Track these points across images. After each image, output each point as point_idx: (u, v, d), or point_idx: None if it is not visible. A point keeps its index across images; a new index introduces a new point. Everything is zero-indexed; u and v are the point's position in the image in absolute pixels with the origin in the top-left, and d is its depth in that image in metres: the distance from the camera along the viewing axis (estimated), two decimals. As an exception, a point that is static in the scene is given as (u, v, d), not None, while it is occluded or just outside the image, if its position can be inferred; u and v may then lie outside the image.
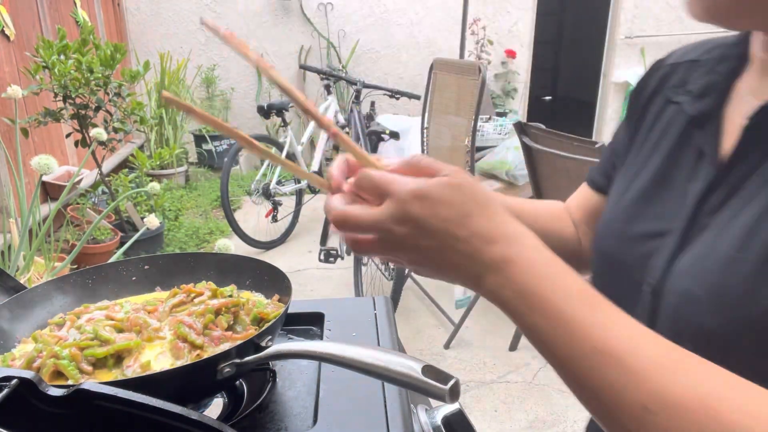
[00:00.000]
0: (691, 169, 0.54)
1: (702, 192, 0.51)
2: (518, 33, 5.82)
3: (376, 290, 3.00)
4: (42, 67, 2.62)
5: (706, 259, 0.48)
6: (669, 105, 0.61)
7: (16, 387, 0.41)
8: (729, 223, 0.47)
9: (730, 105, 0.54)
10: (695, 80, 0.58)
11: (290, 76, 5.59)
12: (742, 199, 0.47)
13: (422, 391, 0.45)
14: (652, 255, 0.54)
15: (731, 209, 0.48)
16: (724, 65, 0.55)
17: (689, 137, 0.56)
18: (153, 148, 4.70)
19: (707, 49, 0.60)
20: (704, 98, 0.55)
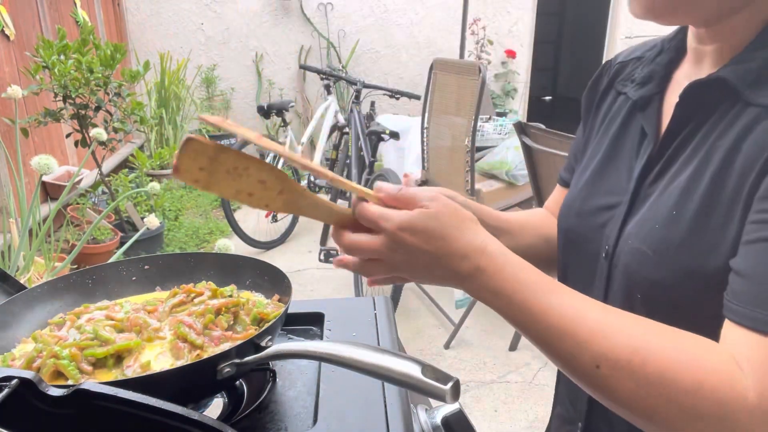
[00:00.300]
0: (635, 147, 0.62)
1: (643, 166, 0.59)
2: (518, 33, 5.82)
3: (376, 290, 3.00)
4: (42, 67, 2.62)
5: (649, 221, 0.55)
6: (618, 96, 0.69)
7: (16, 387, 0.41)
8: (666, 189, 0.55)
9: (669, 91, 0.61)
10: (638, 71, 0.66)
11: (290, 75, 5.59)
12: (677, 167, 0.55)
13: (422, 391, 0.45)
14: (605, 225, 0.62)
15: (669, 177, 0.56)
16: (663, 57, 0.63)
17: (632, 120, 0.64)
18: (153, 148, 4.70)
19: (650, 47, 0.68)
20: (646, 85, 0.63)
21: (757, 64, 0.50)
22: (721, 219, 0.49)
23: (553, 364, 0.51)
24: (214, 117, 0.49)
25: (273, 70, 5.58)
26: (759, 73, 0.50)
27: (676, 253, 0.52)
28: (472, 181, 2.54)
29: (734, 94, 0.51)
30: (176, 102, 4.91)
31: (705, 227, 0.50)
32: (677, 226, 0.52)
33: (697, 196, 0.51)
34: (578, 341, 0.46)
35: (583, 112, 0.76)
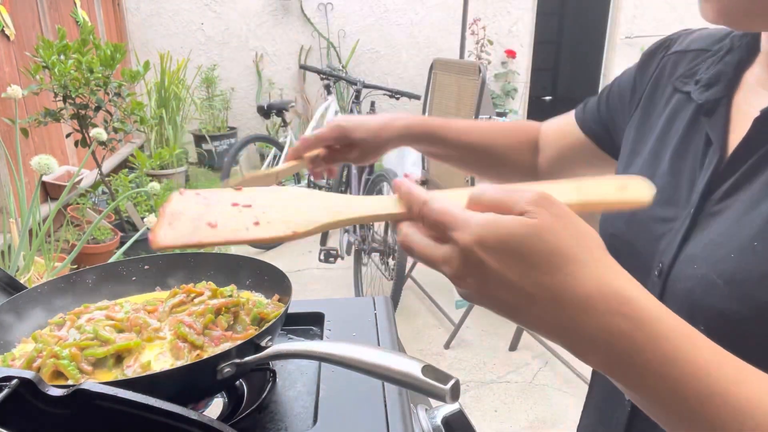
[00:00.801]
0: (699, 156, 0.55)
1: (710, 179, 0.52)
2: (518, 33, 5.82)
3: (376, 290, 3.00)
4: (42, 67, 2.62)
5: (722, 247, 0.48)
6: (675, 94, 0.62)
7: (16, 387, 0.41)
8: (745, 213, 0.48)
9: (738, 94, 0.55)
10: (704, 70, 0.59)
11: (290, 75, 5.59)
12: (757, 189, 0.48)
13: (422, 391, 0.45)
14: (661, 239, 0.55)
15: (744, 198, 0.49)
16: (732, 55, 0.56)
17: (697, 125, 0.57)
18: (153, 148, 4.70)
19: (716, 39, 0.61)
20: (713, 87, 0.56)
21: None
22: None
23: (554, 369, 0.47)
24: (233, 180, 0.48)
25: (273, 70, 5.58)
26: None
27: (754, 288, 0.45)
28: (472, 182, 2.54)
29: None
30: (176, 102, 4.91)
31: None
32: (759, 259, 0.45)
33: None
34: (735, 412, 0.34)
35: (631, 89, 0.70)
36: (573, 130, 0.79)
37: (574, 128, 0.78)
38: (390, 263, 2.87)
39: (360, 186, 3.11)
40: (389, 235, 2.91)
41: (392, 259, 2.83)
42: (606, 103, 0.75)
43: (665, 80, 0.64)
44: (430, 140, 0.80)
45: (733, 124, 0.53)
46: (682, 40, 0.66)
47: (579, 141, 0.78)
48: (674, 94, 0.62)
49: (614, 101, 0.73)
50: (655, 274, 0.55)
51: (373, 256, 3.03)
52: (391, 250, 2.85)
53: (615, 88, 0.74)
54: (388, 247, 2.89)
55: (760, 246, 0.45)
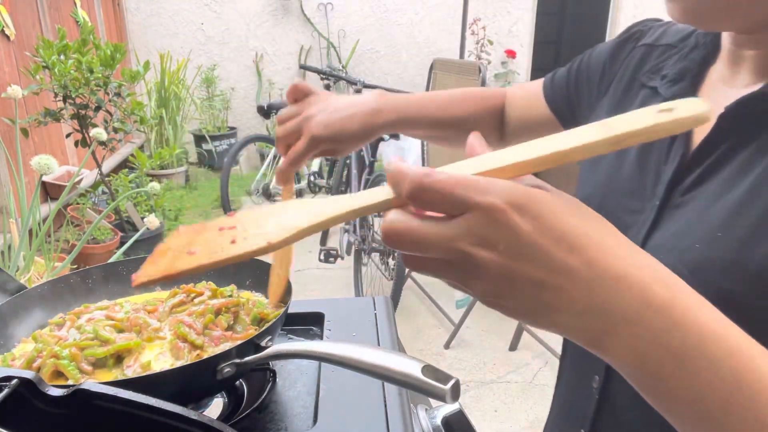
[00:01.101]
0: (664, 150, 0.57)
1: (675, 172, 0.54)
2: (518, 33, 5.82)
3: (376, 290, 3.00)
4: (42, 67, 2.62)
5: (687, 237, 0.50)
6: (643, 88, 0.64)
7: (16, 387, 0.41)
8: (711, 205, 0.49)
9: (702, 90, 0.57)
10: (670, 66, 0.61)
11: (290, 75, 5.59)
12: (721, 182, 0.50)
13: (422, 391, 0.45)
14: (628, 230, 0.56)
15: (708, 191, 0.51)
16: (697, 53, 0.59)
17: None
18: (153, 148, 4.70)
19: (683, 36, 0.63)
20: (679, 83, 0.58)
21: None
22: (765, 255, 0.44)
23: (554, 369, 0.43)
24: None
25: (273, 70, 5.58)
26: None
27: (717, 277, 0.46)
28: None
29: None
30: (176, 102, 4.91)
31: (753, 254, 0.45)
32: (723, 248, 0.47)
33: (750, 221, 0.46)
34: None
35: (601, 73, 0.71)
36: (539, 103, 0.79)
37: (540, 101, 0.79)
38: (390, 263, 2.87)
39: (360, 186, 3.11)
40: (389, 235, 2.90)
41: (392, 259, 2.83)
42: (575, 78, 0.75)
43: (633, 73, 0.66)
44: (412, 125, 0.79)
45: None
46: (652, 32, 0.67)
47: (544, 116, 0.79)
48: (642, 88, 0.64)
49: (582, 79, 0.74)
50: None
51: (373, 256, 3.03)
52: (391, 250, 2.85)
53: (584, 65, 0.75)
54: (388, 246, 2.88)
55: (724, 236, 0.47)
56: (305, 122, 0.71)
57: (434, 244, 0.32)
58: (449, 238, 0.31)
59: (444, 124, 0.81)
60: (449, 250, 0.31)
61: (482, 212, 0.30)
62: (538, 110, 0.79)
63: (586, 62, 0.75)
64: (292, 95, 0.75)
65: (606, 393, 0.59)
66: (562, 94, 0.76)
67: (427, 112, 0.79)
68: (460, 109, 0.82)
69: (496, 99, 0.84)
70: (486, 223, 0.30)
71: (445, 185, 0.31)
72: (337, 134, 0.71)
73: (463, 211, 0.31)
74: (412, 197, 0.32)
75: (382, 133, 0.76)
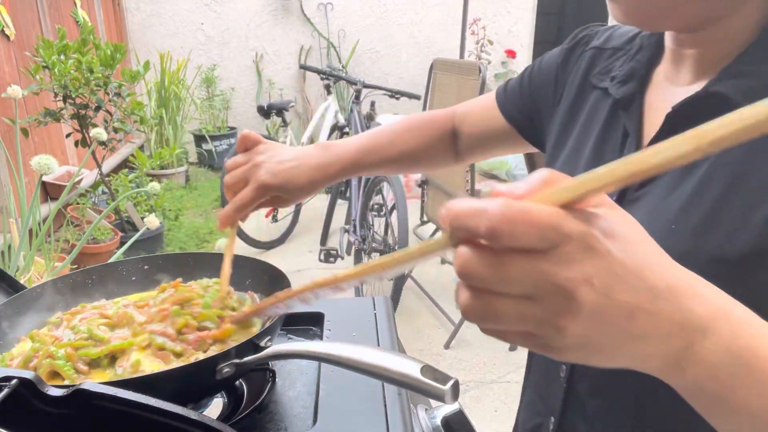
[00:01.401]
0: (617, 148, 0.60)
1: None
2: (518, 33, 5.82)
3: (376, 290, 3.00)
4: (42, 67, 2.62)
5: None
6: (594, 90, 0.66)
7: (16, 387, 0.41)
8: (664, 199, 0.52)
9: (649, 90, 0.60)
10: (619, 67, 0.63)
11: (290, 75, 5.59)
12: (670, 177, 0.53)
13: (422, 392, 0.45)
14: None
15: (660, 185, 0.53)
16: (643, 53, 0.61)
17: (615, 119, 0.62)
18: (153, 148, 4.70)
19: (629, 38, 0.66)
20: (627, 83, 0.61)
21: (761, 82, 0.48)
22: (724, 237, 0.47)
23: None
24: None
25: (273, 70, 5.58)
26: (760, 92, 0.47)
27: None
28: (472, 181, 2.54)
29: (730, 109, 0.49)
30: (176, 102, 4.91)
31: (705, 244, 0.48)
32: (677, 239, 0.50)
33: (700, 213, 0.49)
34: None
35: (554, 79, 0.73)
36: (494, 115, 0.81)
37: (496, 114, 0.80)
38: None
39: (360, 186, 3.11)
40: (389, 235, 2.91)
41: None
42: (528, 89, 0.77)
43: (585, 76, 0.69)
44: (362, 170, 0.80)
45: (647, 118, 0.58)
46: (599, 35, 0.70)
47: (502, 127, 0.80)
48: (593, 90, 0.67)
49: (536, 87, 0.76)
50: None
51: (373, 256, 3.03)
52: (391, 250, 2.85)
53: (535, 73, 0.77)
54: (388, 247, 2.89)
55: (678, 228, 0.50)
56: (253, 170, 0.71)
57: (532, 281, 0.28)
58: (551, 273, 0.27)
59: (396, 159, 0.82)
60: (549, 285, 0.28)
61: (578, 245, 0.28)
62: (494, 122, 0.81)
63: (537, 71, 0.77)
64: (242, 144, 0.74)
65: (572, 381, 0.62)
66: (516, 104, 0.78)
67: (375, 153, 0.80)
68: (409, 141, 0.83)
69: (445, 121, 0.85)
70: (583, 256, 0.28)
71: (532, 218, 0.27)
72: (287, 183, 0.71)
73: (551, 246, 0.28)
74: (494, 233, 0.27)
75: (329, 184, 0.77)
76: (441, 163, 0.88)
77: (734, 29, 0.51)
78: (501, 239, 0.27)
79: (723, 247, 0.47)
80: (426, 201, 2.98)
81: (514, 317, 0.29)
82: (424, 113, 0.86)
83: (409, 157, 0.83)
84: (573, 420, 0.63)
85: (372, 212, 2.99)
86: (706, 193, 0.49)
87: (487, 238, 0.28)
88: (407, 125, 0.84)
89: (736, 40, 0.51)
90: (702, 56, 0.54)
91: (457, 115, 0.85)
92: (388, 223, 2.90)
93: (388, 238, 2.91)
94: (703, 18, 0.51)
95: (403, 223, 2.66)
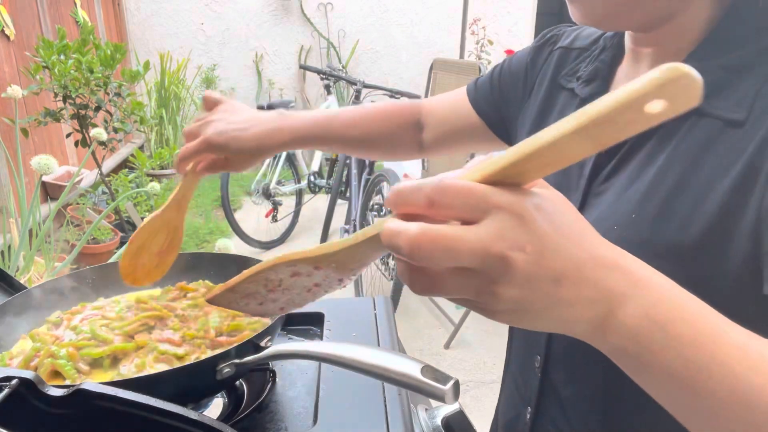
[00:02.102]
0: None
1: (594, 164, 0.59)
2: (518, 33, 5.82)
3: (376, 290, 3.00)
4: (42, 67, 2.62)
5: (607, 221, 0.54)
6: (562, 91, 0.68)
7: (16, 387, 0.41)
8: (624, 191, 0.54)
9: (612, 89, 0.61)
10: (584, 68, 0.66)
11: (290, 75, 5.59)
12: (631, 170, 0.55)
13: (422, 392, 0.45)
14: None
15: (623, 178, 0.55)
16: (606, 54, 0.64)
17: None
18: (153, 148, 4.70)
19: (594, 39, 0.68)
20: (591, 83, 0.63)
21: (714, 77, 0.49)
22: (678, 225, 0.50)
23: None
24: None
25: (273, 70, 5.58)
26: (715, 86, 0.50)
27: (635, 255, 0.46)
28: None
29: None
30: (176, 102, 4.91)
31: (664, 231, 0.50)
32: (637, 228, 0.52)
33: (658, 202, 0.51)
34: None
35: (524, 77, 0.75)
36: (464, 109, 0.82)
37: (466, 108, 0.81)
38: (390, 263, 2.87)
39: (360, 186, 3.11)
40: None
41: (392, 259, 2.83)
42: (498, 84, 0.79)
43: (553, 76, 0.70)
44: (315, 143, 0.80)
45: None
46: (566, 36, 0.72)
47: (472, 121, 0.81)
48: (562, 90, 0.68)
49: (507, 85, 0.78)
50: None
51: (373, 256, 3.03)
52: (391, 250, 2.85)
53: (506, 71, 0.78)
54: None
55: (638, 217, 0.52)
56: (204, 126, 0.73)
57: (470, 250, 0.30)
58: (486, 242, 0.30)
59: (355, 141, 0.83)
60: (486, 255, 0.30)
61: (507, 214, 0.30)
62: (464, 116, 0.82)
63: (507, 68, 0.79)
64: (207, 104, 0.78)
65: (546, 371, 0.64)
66: (487, 100, 0.80)
67: (334, 131, 0.80)
68: (371, 126, 0.83)
69: (410, 113, 0.86)
70: (514, 225, 0.30)
71: (463, 187, 0.30)
72: (229, 143, 0.72)
73: (483, 215, 0.30)
74: (431, 203, 0.30)
75: (279, 151, 0.78)
76: (402, 153, 0.89)
77: (686, 27, 0.53)
78: (438, 208, 0.30)
79: (679, 235, 0.49)
80: (426, 201, 2.98)
81: (456, 287, 0.32)
82: (393, 102, 0.86)
83: (370, 141, 0.84)
84: (548, 408, 0.65)
85: (372, 212, 2.99)
86: (662, 185, 0.51)
87: (426, 209, 0.31)
88: (373, 110, 0.85)
89: (689, 37, 0.53)
90: (657, 55, 0.56)
91: (424, 107, 0.86)
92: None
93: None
94: (656, 17, 0.53)
95: (403, 223, 2.66)
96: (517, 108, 0.76)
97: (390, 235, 0.31)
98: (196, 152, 0.72)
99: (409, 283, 0.33)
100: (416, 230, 0.30)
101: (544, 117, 0.70)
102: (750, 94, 0.48)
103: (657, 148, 0.54)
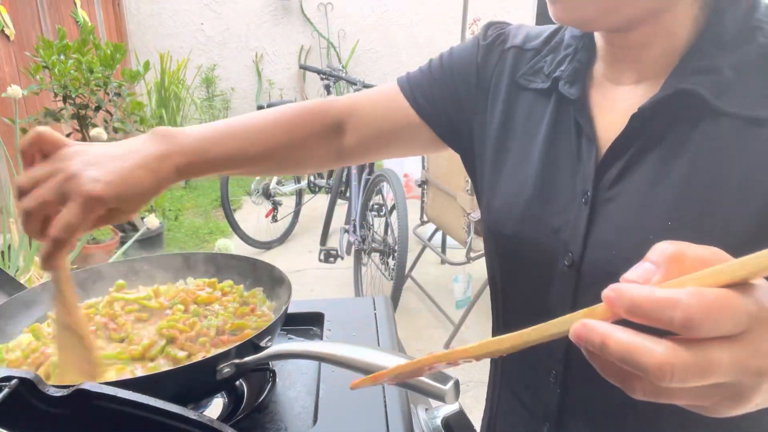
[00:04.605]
0: (574, 149, 0.59)
1: (598, 166, 0.56)
2: (518, 33, 5.83)
3: (376, 290, 3.00)
4: (42, 67, 2.62)
5: (637, 231, 0.52)
6: (524, 92, 0.65)
7: (16, 387, 0.41)
8: (646, 195, 0.52)
9: (593, 89, 0.60)
10: (554, 68, 0.62)
11: (290, 75, 5.59)
12: (646, 176, 0.53)
13: (422, 392, 0.46)
14: (559, 231, 0.58)
15: (637, 182, 0.53)
16: (582, 54, 0.61)
17: (561, 120, 0.61)
18: (153, 148, 4.70)
19: (544, 39, 0.65)
20: (575, 84, 0.60)
21: (724, 76, 0.49)
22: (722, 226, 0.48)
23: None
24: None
25: (273, 70, 5.58)
26: (727, 85, 0.49)
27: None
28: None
29: (701, 104, 0.50)
30: (176, 102, 4.92)
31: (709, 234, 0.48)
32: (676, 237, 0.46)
33: (695, 205, 0.50)
34: None
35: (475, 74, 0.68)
36: (398, 106, 0.71)
37: (400, 104, 0.71)
38: (390, 263, 2.87)
39: (360, 186, 3.11)
40: (389, 235, 2.91)
41: (392, 259, 2.83)
42: (441, 79, 0.70)
43: (511, 77, 0.66)
44: (208, 169, 0.64)
45: (598, 118, 0.58)
46: (513, 35, 0.68)
47: (408, 120, 0.71)
48: (524, 91, 0.65)
49: (452, 82, 0.70)
50: (564, 264, 0.57)
51: (373, 256, 3.03)
52: (391, 250, 2.85)
53: (448, 67, 0.70)
54: (388, 247, 2.89)
55: (675, 224, 0.50)
56: (69, 182, 0.52)
57: (727, 371, 0.27)
58: (743, 359, 0.27)
59: (263, 157, 0.67)
60: (743, 372, 0.27)
61: (763, 326, 0.27)
62: (399, 115, 0.71)
63: (449, 64, 0.70)
64: (35, 149, 0.58)
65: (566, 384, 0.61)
66: (426, 96, 0.70)
67: (235, 147, 0.65)
68: (280, 136, 0.68)
69: (321, 116, 0.71)
70: (764, 334, 0.27)
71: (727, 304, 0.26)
72: (126, 191, 0.54)
73: (740, 329, 0.27)
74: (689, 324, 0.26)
75: (175, 182, 0.61)
76: (313, 166, 0.75)
77: (673, 25, 0.52)
78: (700, 329, 0.26)
79: (724, 237, 0.47)
80: (426, 201, 2.98)
81: (692, 398, 0.29)
82: (294, 105, 0.71)
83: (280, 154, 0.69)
84: (570, 423, 0.62)
85: (372, 212, 2.99)
86: (696, 188, 0.50)
87: (681, 329, 0.26)
88: (279, 117, 0.69)
89: (677, 35, 0.52)
90: (641, 54, 0.55)
91: (340, 107, 0.72)
92: (388, 223, 2.90)
93: (388, 238, 2.91)
94: (642, 15, 0.51)
95: (403, 223, 2.66)
96: (470, 108, 0.69)
97: (628, 352, 0.26)
98: (82, 220, 0.52)
99: (629, 390, 0.29)
100: (668, 355, 0.26)
101: (510, 120, 0.65)
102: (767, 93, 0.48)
103: (671, 153, 0.52)
